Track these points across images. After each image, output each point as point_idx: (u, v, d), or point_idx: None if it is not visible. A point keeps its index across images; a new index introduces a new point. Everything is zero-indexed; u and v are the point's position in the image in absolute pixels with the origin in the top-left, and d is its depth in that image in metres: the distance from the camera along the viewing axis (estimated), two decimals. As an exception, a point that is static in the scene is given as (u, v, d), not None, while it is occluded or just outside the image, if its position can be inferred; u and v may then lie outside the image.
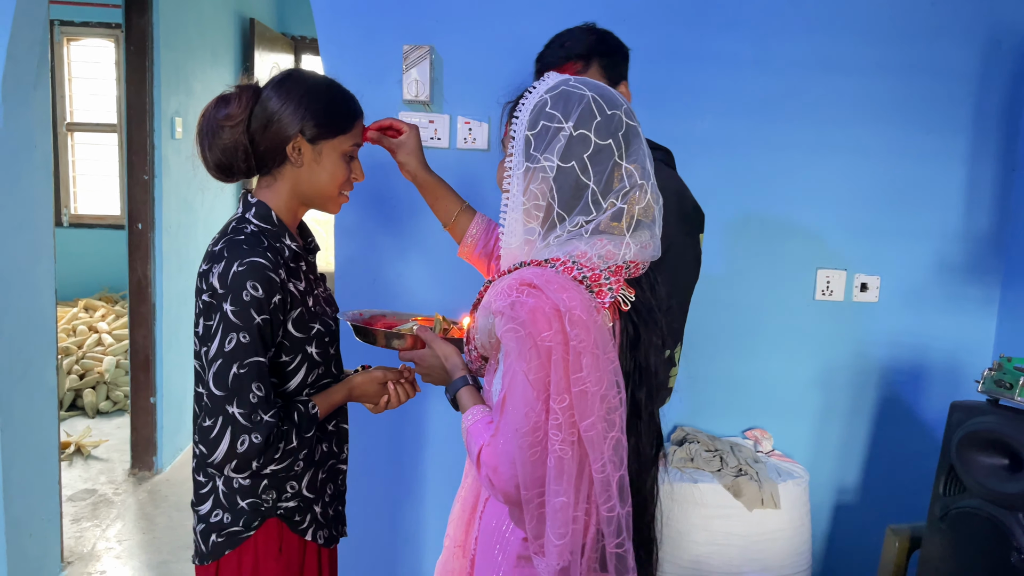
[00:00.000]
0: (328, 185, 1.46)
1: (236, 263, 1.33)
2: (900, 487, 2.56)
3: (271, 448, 1.34)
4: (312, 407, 1.44)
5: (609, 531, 1.13)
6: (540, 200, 1.17)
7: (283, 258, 1.42)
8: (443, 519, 2.52)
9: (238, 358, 1.32)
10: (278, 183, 1.46)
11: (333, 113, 1.44)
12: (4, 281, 2.49)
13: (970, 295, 2.48)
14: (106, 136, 5.63)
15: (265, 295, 1.34)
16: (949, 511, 1.90)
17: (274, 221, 1.44)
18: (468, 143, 2.36)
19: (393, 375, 1.55)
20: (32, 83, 2.56)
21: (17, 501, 2.62)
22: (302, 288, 1.46)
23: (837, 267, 2.46)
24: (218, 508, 1.45)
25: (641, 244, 1.19)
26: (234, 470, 1.33)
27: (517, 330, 1.10)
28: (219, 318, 1.33)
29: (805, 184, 2.42)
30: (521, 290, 1.12)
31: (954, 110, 2.41)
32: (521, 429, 1.10)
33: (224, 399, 1.32)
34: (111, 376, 4.75)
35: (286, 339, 1.42)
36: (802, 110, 2.38)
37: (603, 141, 1.16)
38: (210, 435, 1.33)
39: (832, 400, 2.52)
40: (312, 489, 1.51)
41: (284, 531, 1.47)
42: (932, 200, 2.44)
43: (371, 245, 2.41)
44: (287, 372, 1.44)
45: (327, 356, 1.51)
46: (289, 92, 1.42)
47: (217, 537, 1.45)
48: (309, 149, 1.43)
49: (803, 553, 2.31)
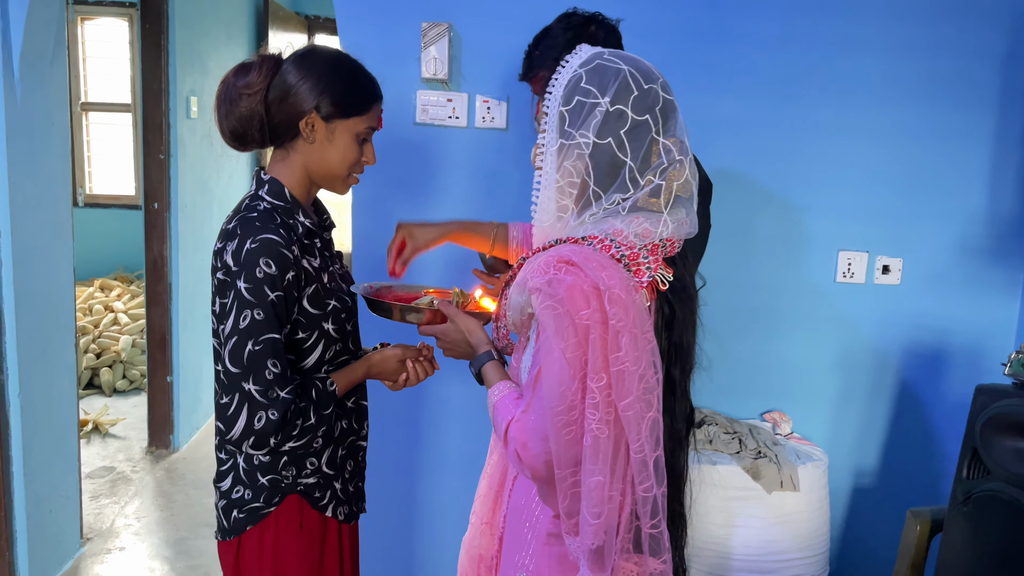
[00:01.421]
0: (338, 165, 1.45)
1: (249, 240, 1.33)
2: (919, 471, 2.55)
3: (289, 425, 1.35)
4: (330, 384, 1.45)
5: (645, 511, 1.12)
6: (575, 177, 1.15)
7: (296, 235, 1.41)
8: (462, 495, 2.53)
9: (253, 335, 1.32)
10: (291, 158, 1.46)
11: (350, 94, 1.43)
12: (23, 260, 2.50)
13: (993, 278, 2.45)
14: (121, 116, 5.63)
15: (278, 272, 1.34)
16: (972, 494, 1.89)
17: (287, 198, 1.44)
18: (487, 122, 2.34)
19: (412, 353, 1.55)
20: (49, 61, 2.56)
21: (37, 478, 2.65)
22: (317, 265, 1.45)
23: (859, 249, 2.43)
24: (239, 484, 1.46)
25: (678, 221, 1.17)
26: (252, 447, 1.34)
27: (555, 307, 1.08)
28: (233, 296, 1.33)
29: (827, 165, 2.39)
30: (559, 267, 1.11)
31: (979, 90, 2.37)
32: (556, 407, 1.09)
33: (240, 376, 1.32)
34: (128, 355, 4.78)
35: (302, 316, 1.42)
36: (825, 90, 2.35)
37: (640, 116, 1.14)
38: (227, 412, 1.33)
39: (852, 383, 2.50)
40: (332, 466, 1.52)
41: (305, 507, 1.48)
42: (956, 182, 2.41)
43: (388, 225, 2.40)
44: (304, 349, 1.44)
45: (344, 333, 1.51)
46: (310, 67, 1.41)
47: (239, 513, 1.46)
48: (323, 127, 1.42)
49: (821, 536, 2.31)
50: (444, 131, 2.36)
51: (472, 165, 2.38)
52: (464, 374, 2.44)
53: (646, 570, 1.15)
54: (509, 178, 2.38)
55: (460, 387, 2.46)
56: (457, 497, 2.54)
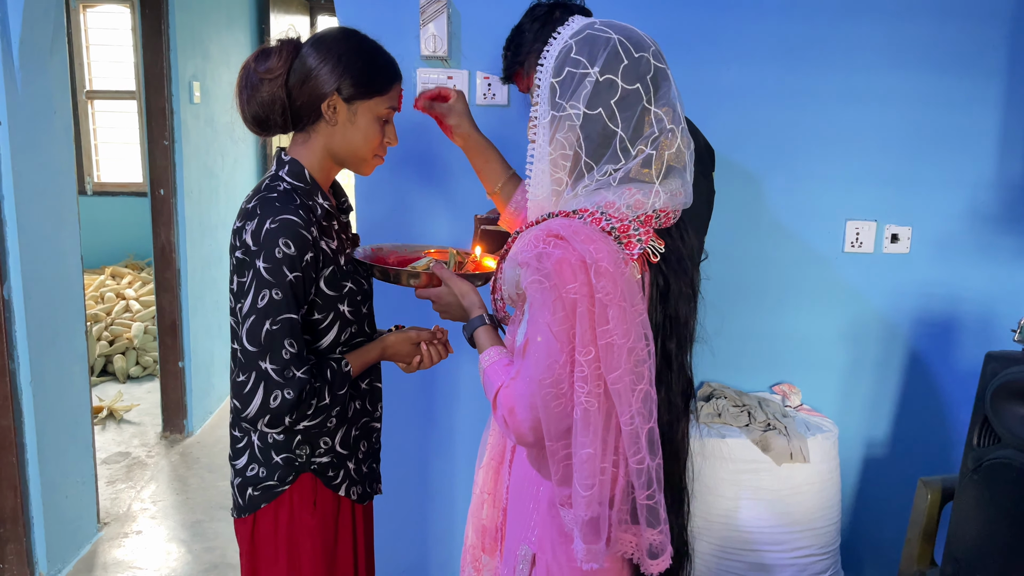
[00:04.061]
0: (362, 146, 1.46)
1: (269, 220, 1.34)
2: (930, 440, 2.53)
3: (304, 404, 1.36)
4: (345, 365, 1.46)
5: (639, 483, 1.12)
6: (567, 149, 1.14)
7: (315, 216, 1.42)
8: (473, 476, 2.54)
9: (271, 314, 1.33)
10: (312, 140, 1.46)
11: (372, 74, 1.43)
12: (30, 249, 2.51)
13: (1004, 244, 2.42)
14: (126, 103, 5.63)
15: (297, 252, 1.35)
16: (983, 462, 1.88)
17: (307, 179, 1.44)
18: (488, 99, 2.32)
19: (426, 335, 1.56)
20: (48, 48, 2.55)
21: (52, 464, 2.67)
22: (334, 247, 1.46)
23: (867, 218, 2.41)
24: (254, 462, 1.48)
25: (671, 192, 1.16)
26: (267, 424, 1.36)
27: (542, 282, 1.09)
28: (252, 275, 1.34)
29: (834, 133, 2.36)
30: (548, 241, 1.11)
31: (988, 54, 2.33)
32: (543, 380, 1.10)
33: (257, 355, 1.34)
34: (140, 342, 4.81)
35: (318, 297, 1.43)
36: (830, 56, 2.32)
37: (631, 86, 1.12)
38: (244, 390, 1.34)
39: (861, 353, 2.49)
40: (345, 445, 1.53)
41: (318, 486, 1.50)
42: (965, 147, 2.37)
43: (390, 204, 2.40)
44: (320, 330, 1.46)
45: (360, 315, 1.52)
46: (329, 49, 1.42)
47: (253, 491, 1.48)
48: (344, 108, 1.43)
49: (832, 507, 2.31)
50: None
51: (474, 143, 2.36)
52: (474, 355, 2.45)
53: (644, 540, 1.16)
54: (511, 155, 2.34)
55: (471, 368, 2.47)
56: (468, 475, 2.55)
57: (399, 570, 2.65)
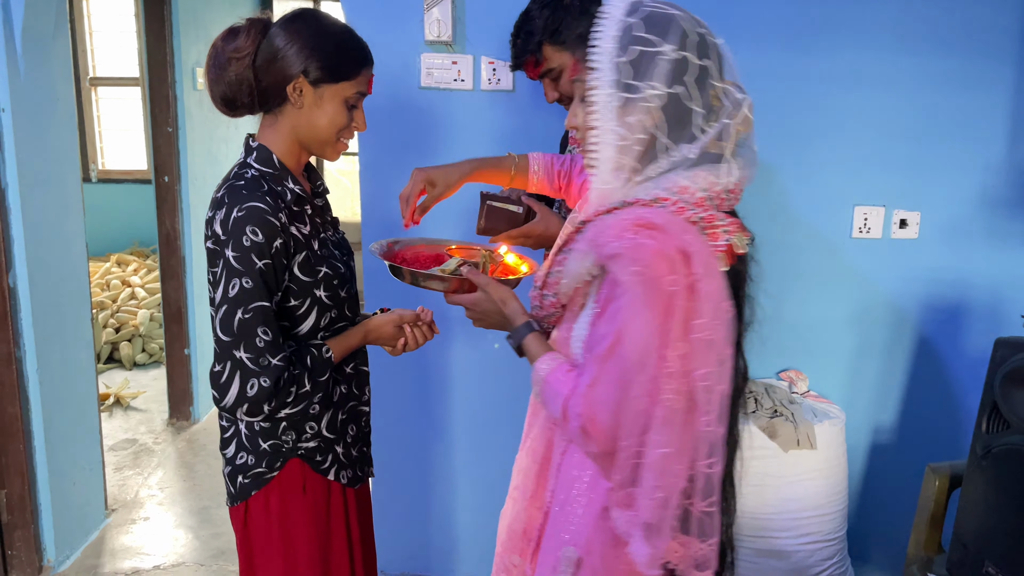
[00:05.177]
0: (326, 130, 1.44)
1: (236, 209, 1.34)
2: (938, 427, 2.52)
3: (282, 392, 1.36)
4: (326, 351, 1.45)
5: (699, 489, 1.07)
6: (640, 133, 1.09)
7: (285, 202, 1.41)
8: (472, 457, 2.55)
9: (242, 303, 1.33)
10: (280, 123, 1.45)
11: (339, 58, 1.41)
12: (35, 236, 2.51)
13: (1013, 229, 2.40)
14: (130, 90, 5.61)
15: (265, 240, 1.34)
16: (991, 449, 1.87)
17: (275, 164, 1.43)
18: (493, 84, 2.31)
19: (410, 318, 1.55)
20: (51, 35, 2.54)
21: (60, 451, 2.68)
22: (307, 232, 1.45)
23: (875, 203, 2.39)
24: (242, 451, 1.49)
25: (745, 163, 1.13)
26: (246, 414, 1.35)
27: (641, 273, 1.02)
28: (223, 264, 1.34)
29: (842, 117, 2.34)
30: (638, 231, 1.05)
31: (998, 36, 2.30)
32: (635, 378, 1.03)
33: (231, 344, 1.33)
34: (146, 329, 4.82)
35: (293, 283, 1.42)
36: (838, 40, 2.29)
37: (702, 61, 1.09)
38: (220, 380, 1.34)
39: (869, 340, 2.47)
40: (332, 430, 1.53)
41: (307, 471, 1.50)
42: (974, 131, 2.35)
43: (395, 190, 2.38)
44: (297, 316, 1.45)
45: (338, 299, 1.50)
46: (298, 31, 1.40)
47: (243, 479, 1.49)
48: (311, 91, 1.41)
49: (839, 493, 2.30)
50: (450, 94, 2.33)
51: (479, 128, 2.35)
52: (467, 337, 2.45)
53: (690, 552, 1.10)
54: (517, 140, 2.35)
55: (464, 351, 2.47)
56: (467, 458, 2.56)
57: (402, 557, 2.66)
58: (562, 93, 1.87)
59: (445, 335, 2.45)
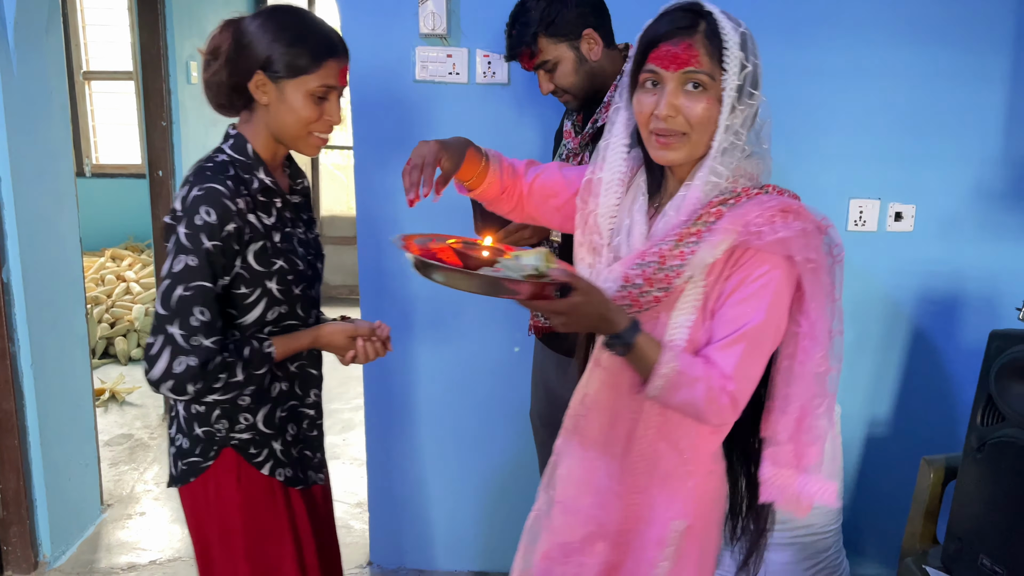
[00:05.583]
0: (294, 125, 1.43)
1: (196, 188, 1.36)
2: (933, 419, 2.53)
3: (210, 376, 1.36)
4: (267, 345, 1.45)
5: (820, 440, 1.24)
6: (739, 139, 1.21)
7: (250, 190, 1.42)
8: (465, 451, 2.54)
9: (184, 280, 1.34)
10: (254, 118, 1.47)
11: (296, 52, 1.39)
12: (29, 232, 2.50)
13: (1009, 222, 2.40)
14: (124, 84, 5.59)
15: (218, 221, 1.34)
16: (986, 441, 1.87)
17: (248, 153, 1.45)
18: (488, 78, 2.30)
19: (364, 331, 1.53)
20: (44, 28, 2.52)
21: (55, 447, 2.68)
22: (269, 223, 1.45)
23: (870, 196, 2.39)
24: (180, 433, 1.50)
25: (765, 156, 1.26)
26: (171, 390, 1.35)
27: (806, 252, 1.16)
28: (174, 240, 1.35)
29: (837, 111, 2.33)
30: (785, 216, 1.17)
31: (993, 28, 2.30)
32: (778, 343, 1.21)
33: (167, 319, 1.34)
34: (141, 324, 4.80)
35: (245, 271, 1.41)
36: (834, 33, 2.29)
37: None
38: (150, 351, 1.35)
39: (864, 333, 2.48)
40: (270, 425, 1.52)
41: (241, 462, 1.50)
42: (970, 124, 2.35)
43: (390, 185, 2.38)
44: (244, 305, 1.44)
45: (291, 296, 1.48)
46: (258, 28, 1.40)
47: (183, 464, 1.50)
48: (272, 87, 1.41)
49: (835, 485, 2.30)
50: (445, 88, 2.32)
51: (474, 121, 2.34)
52: (464, 333, 2.44)
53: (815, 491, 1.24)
54: (512, 133, 2.34)
55: (459, 344, 2.46)
56: (461, 454, 2.56)
57: (397, 551, 2.66)
58: (557, 85, 1.86)
59: (441, 332, 2.45)
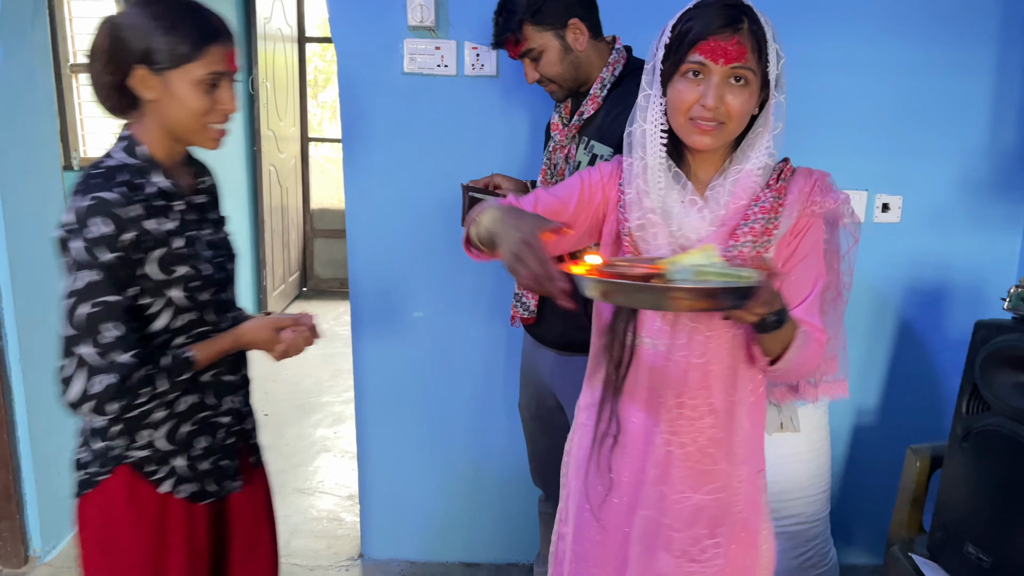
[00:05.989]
0: (186, 118, 1.35)
1: (86, 199, 1.26)
2: (920, 408, 2.55)
3: (131, 392, 1.29)
4: (187, 351, 1.38)
5: None
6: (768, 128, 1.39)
7: (143, 195, 1.32)
8: (457, 442, 2.55)
9: (89, 297, 1.26)
10: (144, 116, 1.37)
11: (174, 41, 1.30)
12: (14, 224, 2.48)
13: (994, 213, 2.42)
14: (111, 77, 5.55)
15: (114, 232, 1.26)
16: (972, 430, 1.89)
17: (139, 156, 1.36)
18: (476, 70, 2.30)
19: (288, 322, 1.46)
20: (29, 20, 2.51)
21: (45, 442, 2.67)
22: (169, 228, 1.35)
23: (858, 188, 2.40)
24: (84, 445, 1.43)
25: None
26: (93, 411, 1.28)
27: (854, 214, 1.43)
28: (70, 255, 1.27)
29: (824, 103, 2.34)
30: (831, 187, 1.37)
31: (979, 20, 2.31)
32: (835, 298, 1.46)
33: (75, 339, 1.27)
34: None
35: (145, 280, 1.33)
36: (821, 26, 2.29)
37: None
38: (63, 374, 1.28)
39: (851, 323, 2.49)
40: (173, 441, 1.43)
41: (136, 480, 1.41)
42: (956, 116, 2.36)
43: (379, 178, 2.38)
44: (147, 316, 1.36)
45: (198, 302, 1.41)
46: (134, 20, 1.31)
47: (83, 475, 1.42)
48: (155, 80, 1.32)
49: (823, 475, 2.32)
50: (433, 80, 2.31)
51: (463, 114, 2.34)
52: (457, 325, 2.45)
53: None
54: (501, 126, 2.34)
55: (450, 334, 2.47)
56: (453, 445, 2.57)
57: (388, 543, 2.67)
58: (542, 74, 1.86)
59: (430, 325, 2.45)
